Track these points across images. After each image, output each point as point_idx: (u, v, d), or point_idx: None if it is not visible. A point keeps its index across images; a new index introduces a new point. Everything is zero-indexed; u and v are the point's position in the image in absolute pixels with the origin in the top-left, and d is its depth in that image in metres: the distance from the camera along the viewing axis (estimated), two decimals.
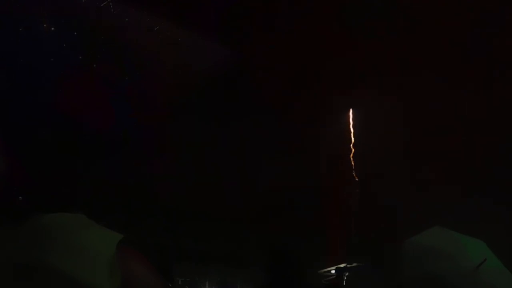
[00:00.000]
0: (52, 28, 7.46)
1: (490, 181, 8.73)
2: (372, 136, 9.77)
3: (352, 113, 9.94)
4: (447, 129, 9.01)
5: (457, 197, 9.04)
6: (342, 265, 7.18)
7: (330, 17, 7.92)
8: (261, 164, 9.53)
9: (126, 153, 9.10)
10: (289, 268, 3.07)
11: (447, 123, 9.06)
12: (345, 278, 7.21)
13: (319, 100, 9.31)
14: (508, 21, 7.45)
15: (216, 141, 9.35)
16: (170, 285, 4.39)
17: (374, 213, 9.71)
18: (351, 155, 10.41)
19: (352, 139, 10.27)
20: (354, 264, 7.28)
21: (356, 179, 10.27)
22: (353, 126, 9.94)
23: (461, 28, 7.86)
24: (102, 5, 7.54)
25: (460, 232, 1.41)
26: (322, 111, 9.57)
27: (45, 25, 7.41)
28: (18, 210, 8.44)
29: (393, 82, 8.87)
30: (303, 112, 9.35)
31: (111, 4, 7.55)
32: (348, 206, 10.20)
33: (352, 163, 10.22)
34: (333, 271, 7.17)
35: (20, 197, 9.03)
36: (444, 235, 1.39)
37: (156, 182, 9.40)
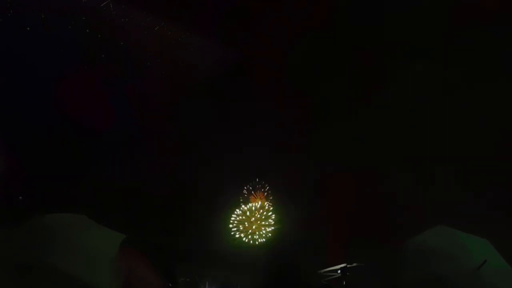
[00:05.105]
0: (52, 28, 7.45)
1: (493, 179, 8.70)
2: (373, 135, 9.76)
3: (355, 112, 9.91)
4: (447, 128, 8.99)
5: (460, 196, 9.02)
6: (342, 265, 7.16)
7: (330, 16, 7.92)
8: (261, 163, 9.53)
9: (126, 153, 9.09)
10: (289, 268, 3.06)
11: (447, 122, 9.04)
12: (345, 278, 7.21)
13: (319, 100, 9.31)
14: None
15: (216, 141, 9.34)
16: (171, 285, 4.38)
17: (374, 213, 9.69)
18: (353, 153, 10.39)
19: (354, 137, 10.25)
20: (354, 264, 7.25)
21: (356, 178, 10.25)
22: (355, 125, 9.91)
23: None
24: (102, 5, 7.53)
25: (464, 231, 1.40)
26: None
27: (45, 25, 7.41)
28: (18, 210, 8.44)
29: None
30: (302, 111, 9.34)
31: (111, 4, 7.54)
32: (348, 206, 10.18)
33: (353, 162, 10.19)
34: (338, 271, 7.15)
35: (20, 197, 9.03)
36: (447, 234, 1.38)
37: (156, 182, 9.38)
